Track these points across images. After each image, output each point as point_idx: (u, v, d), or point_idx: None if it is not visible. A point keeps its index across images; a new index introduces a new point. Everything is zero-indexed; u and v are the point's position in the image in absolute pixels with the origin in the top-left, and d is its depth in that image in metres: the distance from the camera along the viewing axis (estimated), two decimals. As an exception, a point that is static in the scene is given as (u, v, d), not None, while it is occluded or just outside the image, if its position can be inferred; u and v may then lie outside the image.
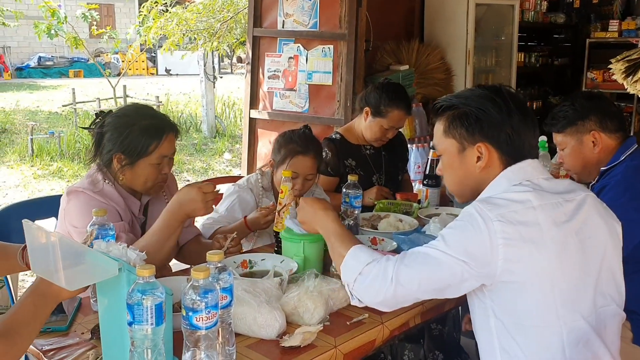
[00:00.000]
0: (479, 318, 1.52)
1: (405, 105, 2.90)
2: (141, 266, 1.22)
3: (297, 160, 2.40)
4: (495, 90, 1.55)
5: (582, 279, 1.46)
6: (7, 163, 8.07)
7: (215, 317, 1.24)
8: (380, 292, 1.47)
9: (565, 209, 1.47)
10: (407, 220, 2.46)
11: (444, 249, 1.42)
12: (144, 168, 2.01)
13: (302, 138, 2.47)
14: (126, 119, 2.02)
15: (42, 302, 1.34)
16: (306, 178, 2.44)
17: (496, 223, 1.38)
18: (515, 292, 1.41)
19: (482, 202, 1.45)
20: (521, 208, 1.42)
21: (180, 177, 7.82)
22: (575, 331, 1.43)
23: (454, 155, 1.58)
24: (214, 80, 10.42)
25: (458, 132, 1.55)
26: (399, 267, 1.45)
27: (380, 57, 4.66)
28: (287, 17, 4.41)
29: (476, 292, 1.49)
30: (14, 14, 10.72)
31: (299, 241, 1.93)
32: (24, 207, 2.57)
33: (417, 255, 1.46)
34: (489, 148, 1.52)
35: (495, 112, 1.51)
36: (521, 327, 1.43)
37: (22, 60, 21.79)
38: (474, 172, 1.55)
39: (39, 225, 1.40)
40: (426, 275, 1.44)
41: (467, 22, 4.92)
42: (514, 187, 1.48)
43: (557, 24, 7.12)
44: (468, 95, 1.57)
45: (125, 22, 21.91)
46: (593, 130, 2.21)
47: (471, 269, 1.40)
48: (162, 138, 2.01)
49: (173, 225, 1.94)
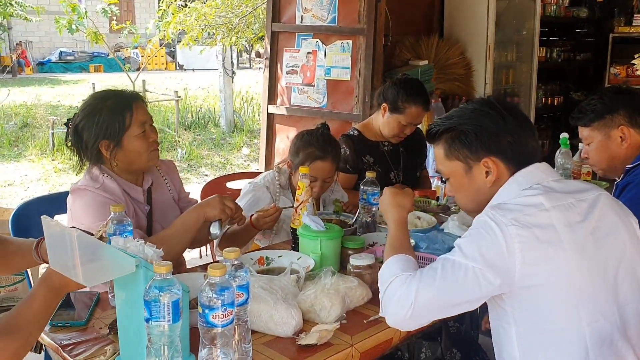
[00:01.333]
0: (500, 323, 1.49)
1: (424, 101, 2.87)
2: (158, 263, 1.22)
3: (316, 165, 2.36)
4: (486, 102, 1.56)
5: (602, 278, 1.43)
6: (28, 157, 8.19)
7: (231, 314, 1.24)
8: (400, 314, 1.43)
9: (579, 209, 1.45)
10: (425, 217, 2.44)
11: (460, 259, 1.40)
12: (131, 142, 2.02)
13: (320, 142, 2.43)
14: (92, 108, 2.02)
15: (52, 296, 1.36)
16: (325, 181, 2.43)
17: (511, 227, 1.37)
18: (535, 296, 1.39)
19: (494, 209, 1.43)
20: (535, 211, 1.40)
21: (199, 172, 7.86)
22: (598, 332, 1.40)
23: (461, 176, 1.57)
24: (232, 75, 10.45)
25: (461, 152, 1.54)
26: (418, 287, 1.41)
27: (399, 52, 4.62)
28: (306, 12, 4.39)
29: (495, 300, 1.47)
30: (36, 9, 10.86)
31: (316, 238, 1.93)
32: (44, 201, 2.59)
33: (436, 271, 1.43)
34: (495, 161, 1.51)
35: (492, 125, 1.51)
36: (542, 331, 1.41)
37: (44, 55, 22.11)
38: (484, 188, 1.54)
39: (57, 221, 1.41)
40: (446, 292, 1.41)
41: (488, 17, 4.86)
42: (524, 191, 1.47)
43: (580, 18, 7.00)
44: (460, 114, 1.57)
45: (145, 17, 22.10)
46: (622, 125, 2.16)
47: (489, 276, 1.37)
48: (132, 107, 2.03)
49: (189, 222, 1.99)
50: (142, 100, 2.10)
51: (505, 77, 5.67)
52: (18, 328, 1.32)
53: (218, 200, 2.00)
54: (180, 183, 2.34)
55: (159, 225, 2.12)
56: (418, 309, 1.41)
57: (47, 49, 22.22)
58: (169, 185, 2.27)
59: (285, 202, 2.44)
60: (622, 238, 1.49)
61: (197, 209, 2.01)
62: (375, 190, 2.24)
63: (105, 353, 1.45)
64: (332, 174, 2.45)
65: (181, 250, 2.07)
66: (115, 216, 1.59)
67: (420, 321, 1.47)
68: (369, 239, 2.13)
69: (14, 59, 19.70)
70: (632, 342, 1.45)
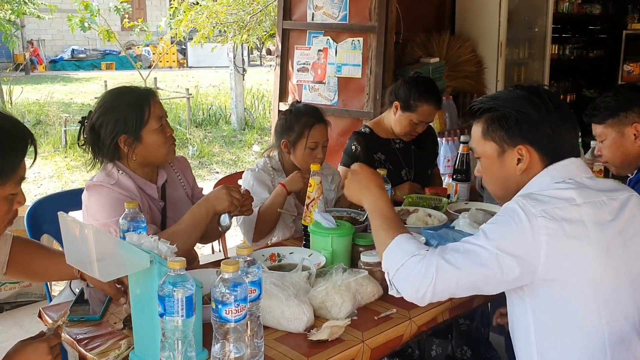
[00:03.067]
0: (518, 317, 1.49)
1: (436, 99, 2.87)
2: (172, 259, 1.24)
3: (316, 130, 2.49)
4: (534, 90, 1.53)
5: (625, 278, 1.43)
6: (41, 154, 8.26)
7: (244, 310, 1.25)
8: (420, 289, 1.42)
9: (610, 208, 1.44)
10: (436, 215, 2.44)
11: (484, 244, 1.39)
12: (150, 136, 2.04)
13: (308, 109, 2.55)
14: (110, 104, 2.04)
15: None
16: (323, 145, 2.53)
17: (540, 219, 1.36)
18: (557, 290, 1.39)
19: (525, 198, 1.42)
20: (565, 205, 1.39)
21: (210, 169, 7.90)
22: (618, 332, 1.40)
23: (493, 158, 1.56)
24: (243, 72, 10.47)
25: (498, 134, 1.53)
26: (439, 263, 1.40)
27: (411, 49, 4.61)
28: (317, 10, 4.39)
29: (516, 290, 1.46)
30: (48, 7, 10.95)
31: (327, 235, 1.94)
32: (58, 198, 2.63)
33: (458, 251, 1.42)
34: (530, 150, 1.50)
35: (535, 113, 1.48)
36: (561, 327, 1.40)
37: (56, 53, 22.26)
38: (514, 174, 1.53)
39: (74, 217, 1.43)
40: (467, 272, 1.40)
41: (500, 14, 4.83)
42: (557, 184, 1.46)
43: (593, 15, 6.95)
44: (506, 96, 1.55)
45: (156, 14, 22.15)
46: (636, 122, 2.16)
47: (512, 264, 1.36)
48: (150, 102, 2.05)
49: (199, 216, 2.00)
50: (157, 96, 2.13)
51: (517, 75, 5.63)
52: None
53: (226, 193, 2.01)
54: (193, 179, 2.37)
55: (172, 221, 2.14)
56: (440, 284, 1.39)
57: (59, 47, 22.37)
58: (182, 181, 2.29)
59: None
60: None
61: (205, 203, 2.02)
62: (386, 188, 2.24)
63: (120, 347, 1.47)
64: (327, 137, 2.55)
65: (192, 245, 2.09)
66: (129, 212, 1.61)
67: (438, 297, 1.45)
68: (379, 236, 2.13)
69: (27, 57, 19.86)
70: None
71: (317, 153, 2.50)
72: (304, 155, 2.50)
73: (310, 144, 2.48)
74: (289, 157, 2.56)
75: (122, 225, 1.61)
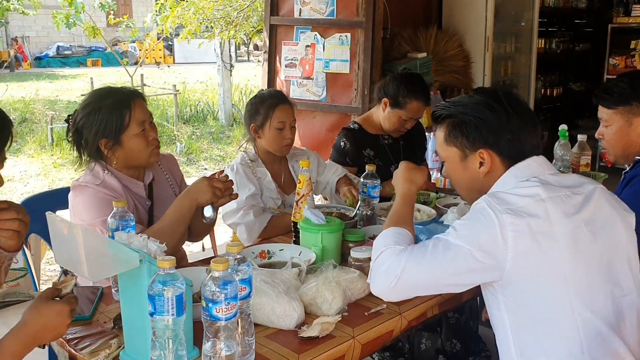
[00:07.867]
0: (494, 314, 1.52)
1: (424, 96, 2.88)
2: (162, 258, 1.24)
3: (281, 111, 2.51)
4: (493, 95, 1.56)
5: (597, 270, 1.44)
6: (27, 152, 8.18)
7: (234, 308, 1.25)
8: (384, 284, 1.49)
9: (574, 201, 1.46)
10: (425, 210, 2.45)
11: (454, 239, 1.43)
12: (130, 141, 2.03)
13: (271, 93, 2.61)
14: (92, 106, 2.03)
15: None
16: (291, 125, 2.56)
17: (505, 215, 1.38)
18: (527, 285, 1.41)
19: (492, 196, 1.46)
20: (530, 201, 1.42)
21: (198, 166, 7.87)
22: (592, 323, 1.42)
23: (456, 162, 1.60)
24: (231, 68, 10.43)
25: (459, 140, 1.57)
26: (407, 261, 1.46)
27: (398, 44, 4.62)
28: (304, 5, 4.39)
29: (488, 288, 1.49)
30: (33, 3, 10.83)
31: (317, 232, 1.94)
32: (45, 197, 2.60)
33: (426, 249, 1.46)
34: (491, 154, 1.53)
35: (494, 119, 1.52)
36: (535, 320, 1.42)
37: (41, 50, 22.03)
38: (478, 177, 1.57)
39: (62, 217, 1.43)
40: (432, 271, 1.44)
41: (487, 8, 4.86)
42: (522, 183, 1.49)
43: (579, 9, 7.00)
44: (466, 102, 1.58)
45: (142, 10, 22.01)
46: None
47: (480, 260, 1.40)
48: (131, 106, 2.03)
49: (182, 211, 1.99)
50: (142, 98, 2.11)
51: (504, 69, 5.67)
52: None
53: (207, 184, 1.99)
54: (181, 177, 2.35)
55: None
56: (402, 282, 1.46)
57: (44, 44, 22.14)
58: (170, 179, 2.28)
59: (263, 173, 2.56)
60: (618, 230, 1.50)
61: (187, 197, 2.00)
62: (375, 184, 2.25)
63: (110, 347, 1.46)
64: (294, 117, 2.59)
65: (178, 241, 2.06)
66: (117, 211, 1.60)
67: (402, 294, 1.53)
68: (369, 232, 2.14)
69: (12, 53, 19.65)
70: (626, 334, 1.46)
71: (285, 134, 2.52)
72: (273, 136, 2.52)
73: (277, 124, 2.50)
74: (262, 145, 2.57)
75: (110, 224, 1.60)
